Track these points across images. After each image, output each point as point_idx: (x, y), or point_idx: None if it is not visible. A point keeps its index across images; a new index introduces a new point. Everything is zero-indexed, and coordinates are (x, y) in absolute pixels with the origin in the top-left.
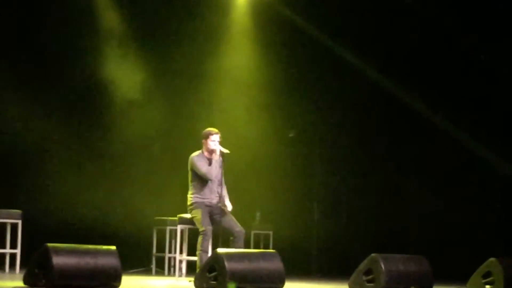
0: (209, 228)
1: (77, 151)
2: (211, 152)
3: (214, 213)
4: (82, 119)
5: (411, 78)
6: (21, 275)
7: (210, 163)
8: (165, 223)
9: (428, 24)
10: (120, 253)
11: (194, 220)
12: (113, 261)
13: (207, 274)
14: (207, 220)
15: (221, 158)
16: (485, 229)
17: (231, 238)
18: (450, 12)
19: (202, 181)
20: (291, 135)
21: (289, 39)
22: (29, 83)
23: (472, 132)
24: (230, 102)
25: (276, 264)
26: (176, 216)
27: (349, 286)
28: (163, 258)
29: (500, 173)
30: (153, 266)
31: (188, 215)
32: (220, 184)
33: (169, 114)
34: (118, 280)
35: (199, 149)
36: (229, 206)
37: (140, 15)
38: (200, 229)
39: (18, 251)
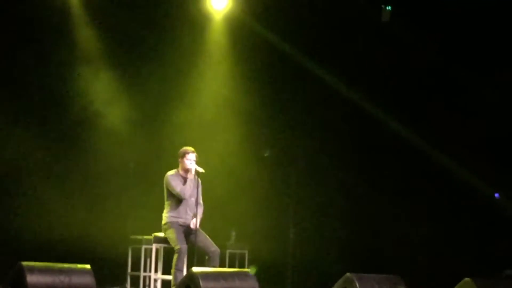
0: (184, 246)
1: (52, 170)
2: (187, 171)
3: (189, 233)
4: (56, 137)
5: (390, 97)
6: None
7: (185, 182)
8: (140, 241)
9: (405, 44)
10: (95, 271)
11: (169, 239)
12: (88, 280)
13: None
14: (182, 239)
15: (197, 177)
16: (459, 249)
17: (206, 257)
18: (428, 31)
19: (177, 200)
20: (266, 154)
21: (265, 57)
22: (3, 100)
23: (449, 151)
24: (205, 121)
25: (251, 284)
26: (151, 235)
27: None
28: (138, 277)
29: (477, 193)
30: (128, 285)
31: (162, 234)
32: (197, 203)
33: (145, 132)
34: None
35: (175, 168)
36: (192, 224)
37: (116, 33)
38: (175, 248)
39: None
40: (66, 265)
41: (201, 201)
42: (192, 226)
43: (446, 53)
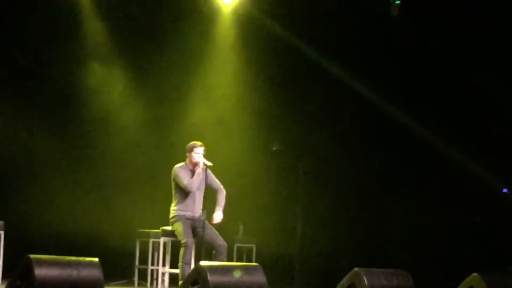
0: (191, 240)
1: (60, 163)
2: (195, 164)
3: (197, 226)
4: (65, 131)
5: (399, 91)
6: (3, 287)
7: (192, 175)
8: (148, 235)
9: (414, 38)
10: (103, 265)
11: (176, 233)
12: (96, 273)
13: (190, 287)
14: (189, 232)
15: (204, 171)
16: (467, 244)
17: (214, 251)
18: (436, 26)
19: (184, 193)
20: (274, 148)
21: (274, 51)
22: (12, 94)
23: (458, 147)
24: (214, 116)
25: (259, 278)
26: (159, 229)
27: None
28: (145, 271)
29: (485, 188)
30: (136, 279)
31: (170, 228)
32: (203, 197)
33: (153, 127)
34: None
35: (182, 161)
36: (215, 218)
37: (125, 28)
38: (182, 241)
39: (0, 262)
40: (74, 258)
41: (220, 186)
42: (214, 220)
43: (456, 47)
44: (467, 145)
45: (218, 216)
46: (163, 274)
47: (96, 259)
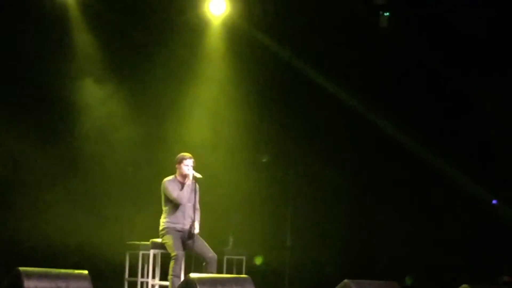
0: (181, 252)
1: (50, 175)
2: (185, 176)
3: (187, 238)
4: (56, 143)
5: (388, 102)
6: None
7: (182, 188)
8: (137, 247)
9: (404, 51)
10: (92, 277)
11: (166, 245)
12: (85, 286)
13: None
14: (179, 245)
15: (194, 183)
16: (457, 255)
17: (204, 263)
18: (426, 37)
19: (174, 205)
20: (264, 160)
21: (263, 62)
22: (3, 106)
23: (446, 157)
24: (203, 127)
25: None
26: (149, 241)
27: None
28: (135, 283)
29: (474, 199)
30: None
31: (160, 240)
32: (194, 209)
33: (143, 138)
34: None
35: (172, 174)
36: (196, 229)
37: (114, 39)
38: (172, 254)
39: None
40: (63, 271)
41: (198, 206)
42: (194, 231)
43: (448, 57)
44: (457, 156)
45: (197, 227)
46: (153, 286)
47: (86, 272)
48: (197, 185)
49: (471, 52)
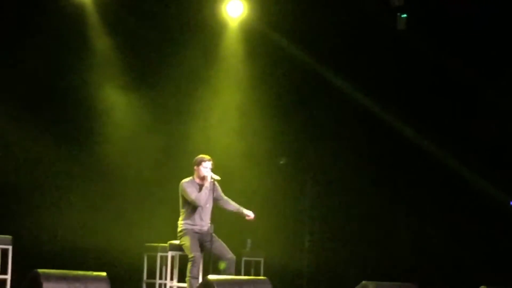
0: (198, 254)
1: (68, 177)
2: (203, 178)
3: (205, 240)
4: (74, 147)
5: (405, 104)
6: None
7: (200, 189)
8: (155, 249)
9: (421, 52)
10: (111, 279)
11: (183, 247)
12: (104, 287)
13: None
14: (196, 247)
15: (212, 185)
16: (475, 257)
17: (222, 265)
18: (444, 39)
19: (192, 207)
20: (282, 162)
21: (280, 64)
22: (22, 110)
23: (464, 159)
24: (221, 129)
25: None
26: (166, 243)
27: None
28: (153, 285)
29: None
30: None
31: (178, 242)
32: (210, 212)
33: (160, 140)
34: None
35: (190, 176)
36: (250, 213)
37: (131, 42)
38: (189, 256)
39: (8, 276)
40: (81, 273)
41: (226, 198)
42: (251, 215)
43: (463, 59)
44: (475, 159)
45: (249, 212)
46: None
47: (104, 274)
48: (216, 183)
49: (488, 54)
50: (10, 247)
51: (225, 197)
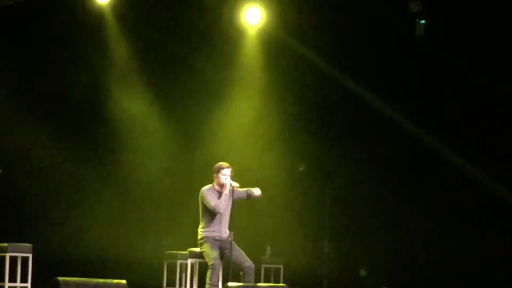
0: (218, 262)
1: (88, 185)
2: (222, 186)
3: (224, 248)
4: (93, 154)
5: (426, 111)
6: None
7: (220, 197)
8: (175, 257)
9: (438, 59)
10: (131, 286)
11: (203, 254)
12: None
13: None
14: (216, 254)
15: (231, 192)
16: (493, 263)
17: (241, 272)
18: (464, 46)
19: (212, 214)
20: (301, 169)
21: (299, 71)
22: (39, 116)
23: (483, 165)
24: (240, 136)
25: None
26: (186, 250)
27: None
28: None
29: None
30: None
31: (198, 249)
32: (228, 219)
33: (180, 148)
34: None
35: (210, 183)
36: (256, 191)
37: (151, 49)
38: (209, 263)
39: (28, 285)
40: (101, 280)
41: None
42: (258, 193)
43: (485, 67)
44: (491, 163)
45: (256, 190)
46: None
47: (124, 281)
48: (236, 189)
49: (508, 60)
50: (30, 255)
51: (245, 189)
